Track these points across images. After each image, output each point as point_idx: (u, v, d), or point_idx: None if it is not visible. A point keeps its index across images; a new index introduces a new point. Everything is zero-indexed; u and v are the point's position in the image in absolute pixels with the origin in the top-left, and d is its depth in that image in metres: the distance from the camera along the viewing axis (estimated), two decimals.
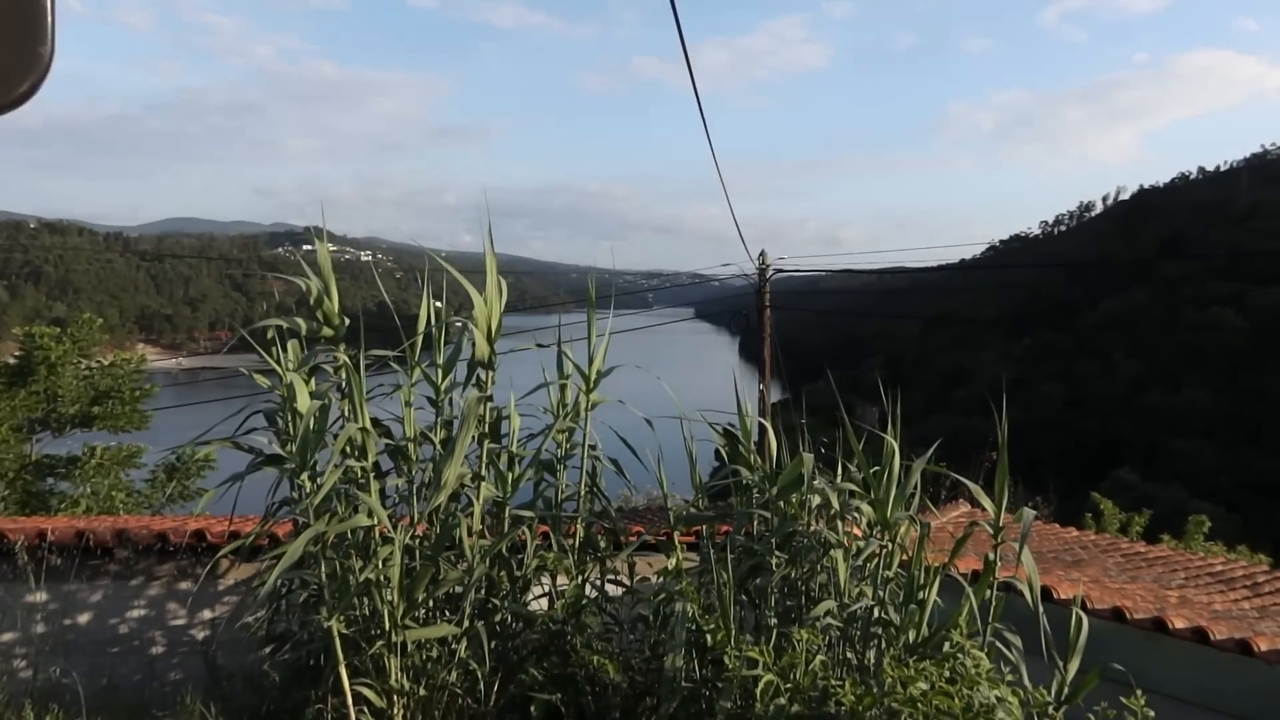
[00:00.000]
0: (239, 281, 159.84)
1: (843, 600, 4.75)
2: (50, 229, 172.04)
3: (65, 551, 6.08)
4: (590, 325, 5.12)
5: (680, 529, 5.23)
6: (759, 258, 18.19)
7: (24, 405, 15.46)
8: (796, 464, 4.91)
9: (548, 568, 4.75)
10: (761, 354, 19.32)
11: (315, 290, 4.56)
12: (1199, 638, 5.97)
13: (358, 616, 4.29)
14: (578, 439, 5.20)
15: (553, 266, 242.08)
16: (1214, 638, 5.91)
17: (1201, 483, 49.74)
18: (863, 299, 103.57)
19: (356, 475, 4.33)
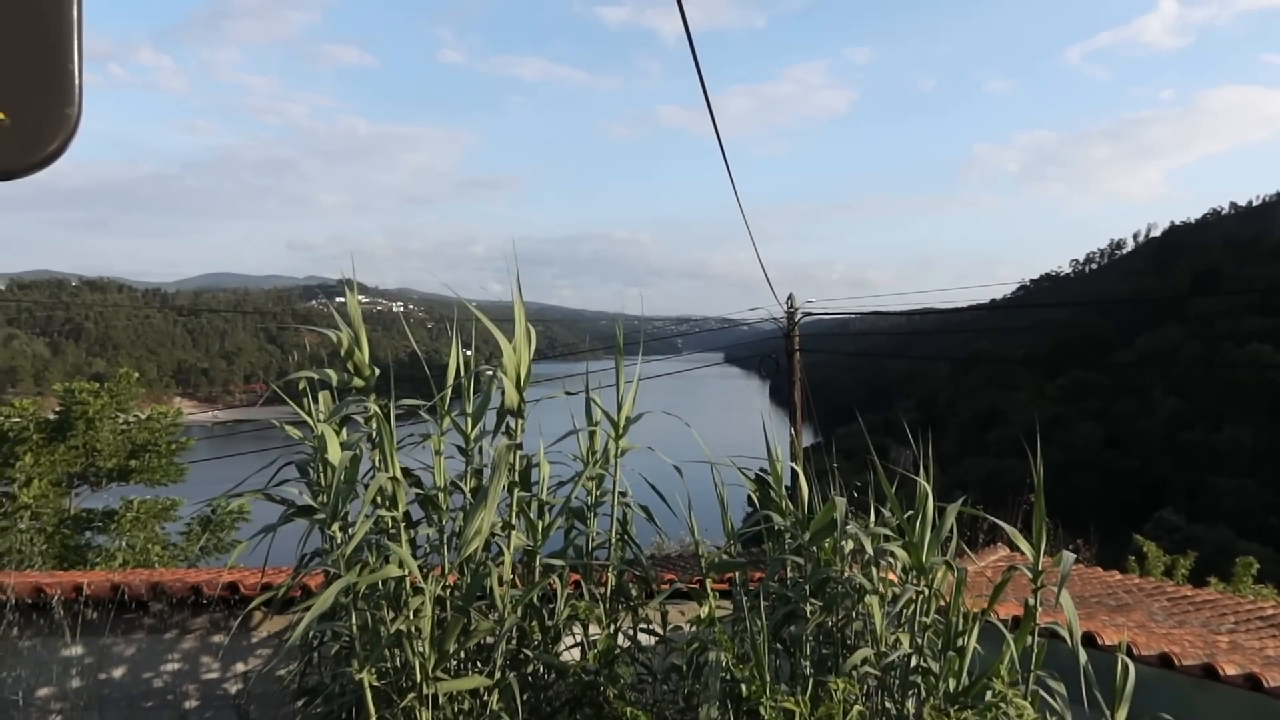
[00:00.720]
0: (273, 334, 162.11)
1: (879, 648, 4.66)
2: (91, 286, 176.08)
3: (101, 605, 6.11)
4: (618, 371, 5.13)
5: (713, 576, 5.17)
6: (787, 301, 18.19)
7: (63, 460, 15.68)
8: (829, 509, 4.85)
9: (579, 617, 4.70)
10: (792, 398, 19.23)
11: (346, 342, 4.60)
12: (1251, 685, 5.77)
13: (389, 668, 4.26)
14: (608, 486, 5.17)
15: (581, 314, 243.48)
16: (1267, 685, 5.71)
17: (1248, 522, 48.53)
18: (893, 340, 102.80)
19: (387, 525, 4.34)
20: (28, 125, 0.87)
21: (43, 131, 0.88)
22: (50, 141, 0.88)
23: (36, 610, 6.08)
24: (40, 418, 16.11)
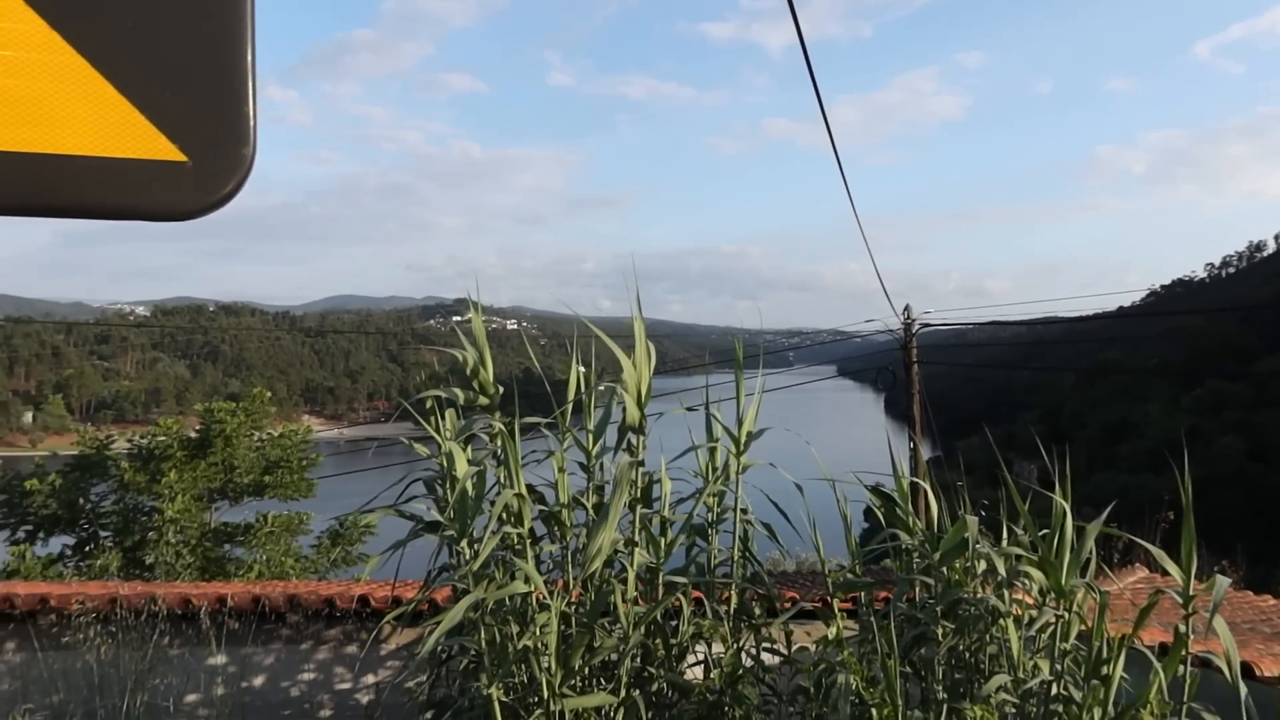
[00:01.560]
0: (394, 353, 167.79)
1: (1017, 674, 4.46)
2: (226, 311, 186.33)
3: (242, 616, 6.40)
4: (739, 386, 5.08)
5: (838, 596, 5.06)
6: (904, 312, 17.78)
7: (204, 476, 16.54)
8: (959, 527, 4.68)
9: (703, 635, 4.66)
10: (910, 410, 18.77)
11: (471, 360, 4.70)
12: None
13: (516, 684, 4.31)
14: (728, 502, 5.12)
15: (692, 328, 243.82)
16: None
17: None
18: (1013, 351, 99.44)
19: (513, 541, 4.40)
20: (207, 166, 0.91)
21: (221, 172, 0.91)
22: (228, 181, 0.92)
23: (185, 620, 6.40)
24: (183, 436, 17.03)
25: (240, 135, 0.92)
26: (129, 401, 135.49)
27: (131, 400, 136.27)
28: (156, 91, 0.90)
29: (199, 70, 0.91)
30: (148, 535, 15.34)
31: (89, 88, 0.88)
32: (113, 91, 0.89)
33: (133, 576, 14.10)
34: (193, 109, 0.91)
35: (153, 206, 0.91)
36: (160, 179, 0.90)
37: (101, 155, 0.89)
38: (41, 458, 17.98)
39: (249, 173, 0.93)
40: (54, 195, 0.90)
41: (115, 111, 0.89)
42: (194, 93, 0.91)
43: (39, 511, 16.09)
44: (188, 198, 0.91)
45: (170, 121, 0.90)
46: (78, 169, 0.89)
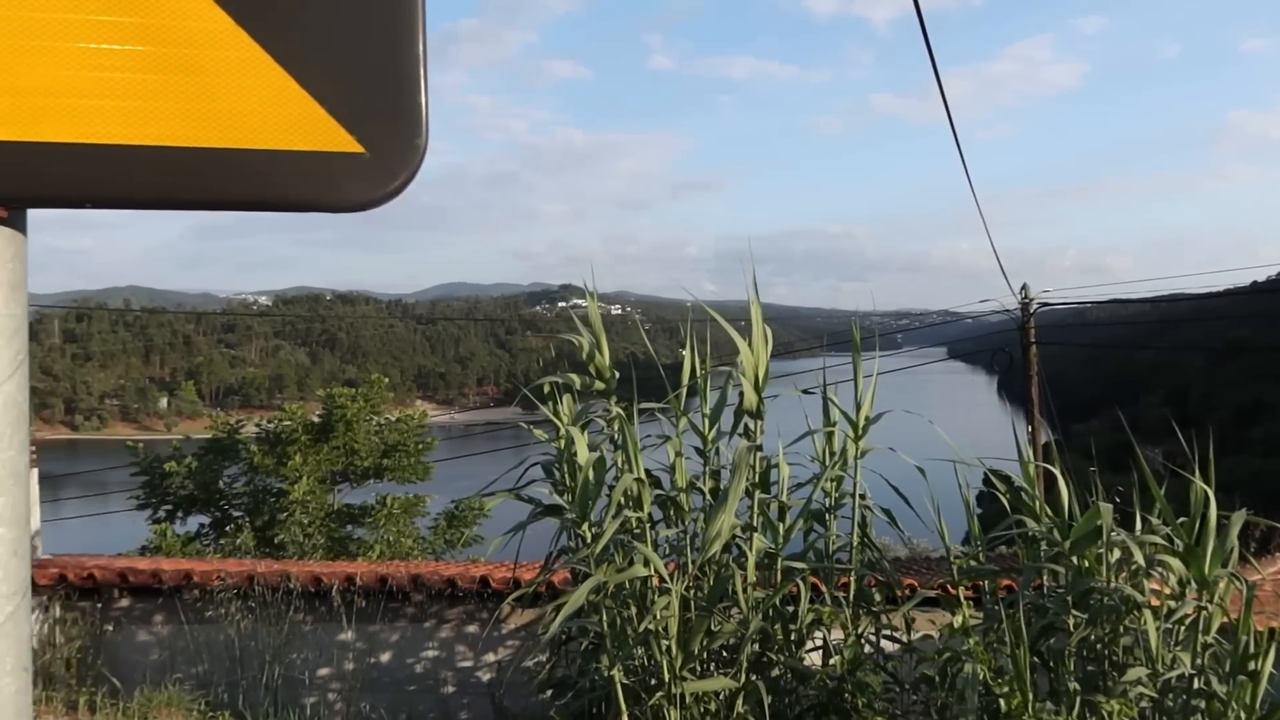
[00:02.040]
0: (502, 339, 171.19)
1: (1155, 667, 4.27)
2: (342, 300, 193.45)
3: (369, 594, 6.64)
4: (856, 369, 4.99)
5: (963, 583, 4.93)
6: (1021, 291, 17.16)
7: (327, 459, 17.22)
8: (1092, 514, 4.50)
9: (823, 621, 4.61)
10: (1027, 393, 18.14)
11: (587, 346, 4.74)
12: None
13: (636, 666, 4.35)
14: (846, 487, 5.05)
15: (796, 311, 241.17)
16: None
17: None
18: (1136, 330, 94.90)
19: (632, 525, 4.43)
20: (383, 157, 0.93)
21: (396, 163, 0.93)
22: (402, 172, 0.93)
23: (316, 597, 6.69)
24: (306, 421, 17.76)
25: (414, 125, 0.94)
26: (254, 387, 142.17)
27: (256, 386, 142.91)
28: (335, 84, 0.92)
29: (374, 62, 0.93)
30: (276, 515, 16.07)
31: (272, 82, 0.91)
32: (294, 85, 0.91)
33: (264, 555, 14.81)
34: (369, 101, 0.93)
35: (331, 198, 0.93)
36: (338, 171, 0.92)
37: (283, 149, 0.92)
38: (177, 441, 19.00)
39: (421, 162, 0.94)
40: (238, 189, 0.93)
41: (297, 105, 0.91)
42: (370, 85, 0.93)
43: (177, 492, 17.04)
44: (365, 189, 0.93)
45: (348, 114, 0.92)
46: (261, 163, 0.92)
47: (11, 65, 0.88)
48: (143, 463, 17.53)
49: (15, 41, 0.89)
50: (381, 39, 0.93)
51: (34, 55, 0.89)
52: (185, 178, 0.92)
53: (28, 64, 0.89)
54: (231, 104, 0.91)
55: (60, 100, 0.90)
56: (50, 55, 0.89)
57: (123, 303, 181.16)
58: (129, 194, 0.92)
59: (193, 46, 0.90)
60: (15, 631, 0.92)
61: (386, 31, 0.93)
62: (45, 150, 0.89)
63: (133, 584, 7.19)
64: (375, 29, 0.93)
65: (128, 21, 0.90)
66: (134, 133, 0.91)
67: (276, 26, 0.91)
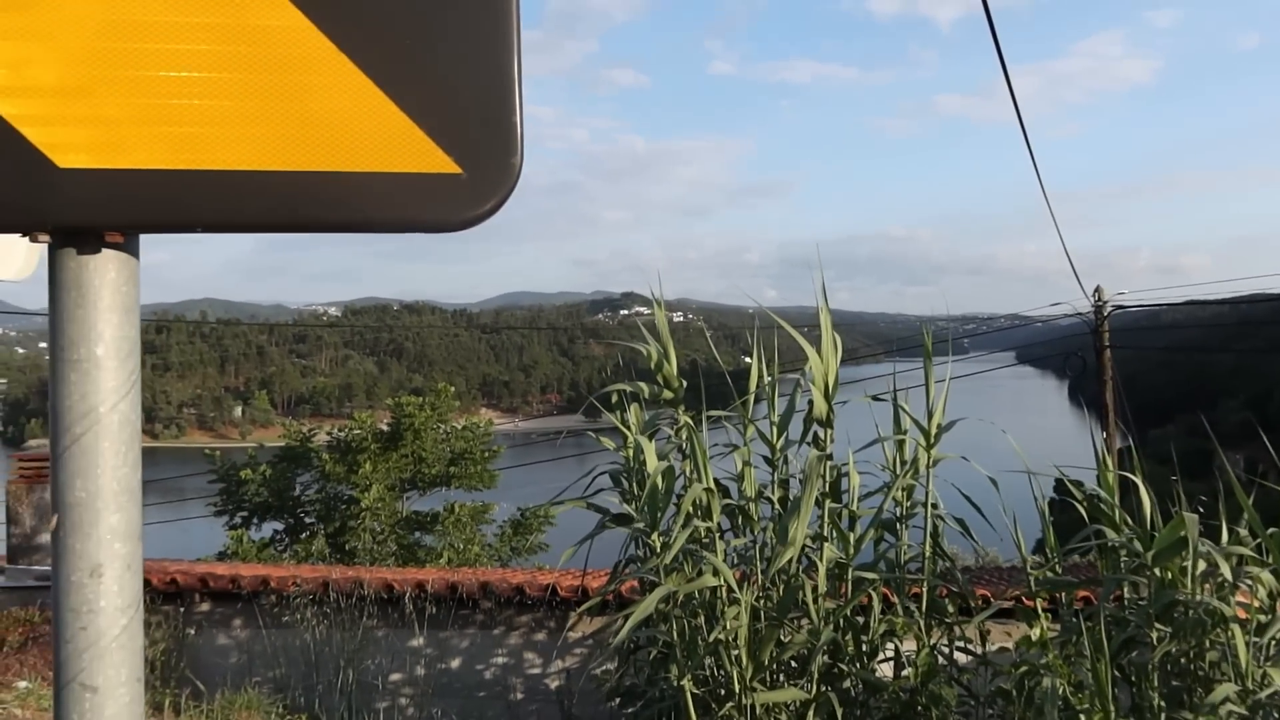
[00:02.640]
0: (564, 347, 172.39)
1: (1245, 684, 4.12)
2: (409, 309, 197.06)
3: (439, 601, 6.73)
4: (928, 376, 4.92)
5: (1041, 595, 4.82)
6: (1095, 293, 16.73)
7: (396, 466, 17.53)
8: (1176, 524, 4.36)
9: (895, 632, 4.55)
10: (1101, 398, 17.66)
11: (655, 355, 4.75)
12: None
13: (706, 676, 4.34)
14: (918, 496, 4.97)
15: (860, 316, 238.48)
16: None
17: None
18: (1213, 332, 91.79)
19: (701, 535, 4.42)
20: (479, 177, 0.95)
21: (492, 182, 0.95)
22: (498, 191, 0.95)
23: (388, 604, 6.80)
24: (376, 429, 18.09)
25: (509, 145, 0.96)
26: (324, 396, 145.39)
27: (326, 395, 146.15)
28: (433, 107, 0.94)
29: (471, 84, 0.95)
30: (348, 522, 16.39)
31: (372, 105, 0.94)
32: (393, 108, 0.94)
33: (336, 561, 15.11)
34: (466, 123, 0.95)
35: (430, 219, 0.96)
36: (437, 191, 0.95)
37: (382, 171, 0.94)
38: (252, 449, 19.51)
39: (517, 181, 0.96)
40: (340, 212, 0.96)
41: (397, 128, 0.94)
42: (466, 106, 0.95)
43: (252, 499, 17.49)
44: (461, 209, 0.95)
45: (446, 135, 0.94)
46: (361, 185, 0.95)
47: (123, 95, 0.93)
48: (220, 470, 18.03)
49: (124, 73, 0.93)
50: (478, 62, 0.95)
51: (143, 85, 0.93)
52: (288, 201, 0.95)
53: (140, 94, 0.93)
54: (332, 128, 0.94)
55: (170, 128, 0.94)
56: (159, 85, 0.93)
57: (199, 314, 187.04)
58: (235, 218, 0.95)
59: (294, 71, 0.93)
60: (130, 643, 0.96)
61: (483, 54, 0.95)
62: (157, 177, 0.93)
63: (213, 589, 7.40)
64: (472, 52, 0.95)
65: (231, 50, 0.94)
66: (239, 158, 0.94)
67: (376, 50, 0.93)
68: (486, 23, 0.95)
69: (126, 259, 0.98)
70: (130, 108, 0.93)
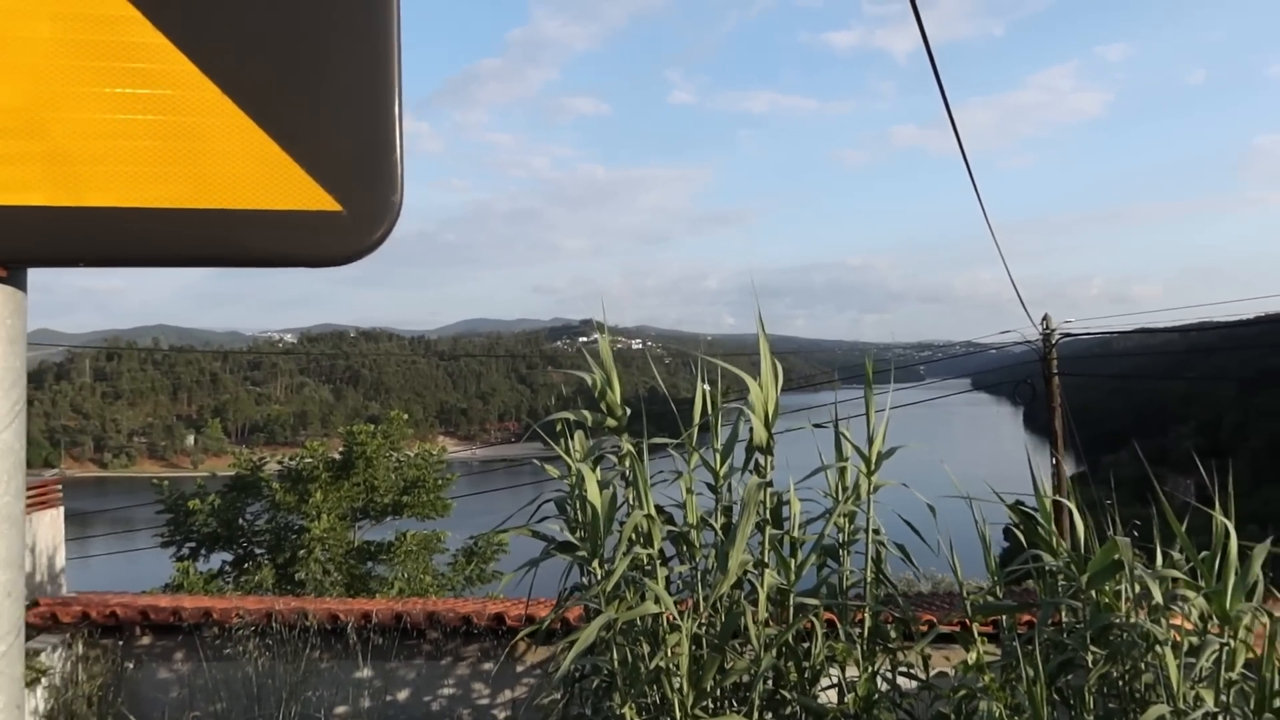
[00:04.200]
0: (523, 375, 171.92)
1: (1177, 705, 4.21)
2: (366, 336, 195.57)
3: (385, 632, 6.66)
4: (869, 403, 4.99)
5: (978, 619, 4.88)
6: (1042, 322, 17.08)
7: (347, 495, 17.30)
8: (1109, 548, 4.45)
9: (836, 658, 4.58)
10: (1051, 425, 17.98)
11: (599, 383, 4.78)
12: None
13: (649, 704, 4.33)
14: (859, 523, 5.03)
15: (818, 343, 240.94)
16: None
17: None
18: (1164, 360, 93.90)
19: (643, 562, 4.43)
20: (360, 214, 0.98)
21: (373, 219, 0.98)
22: (379, 228, 0.98)
23: (333, 635, 6.71)
24: (328, 458, 17.87)
25: (390, 183, 0.99)
26: (279, 424, 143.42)
27: (281, 423, 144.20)
28: (315, 148, 0.97)
29: (352, 123, 0.98)
30: (297, 552, 16.13)
31: (256, 146, 0.96)
32: (276, 149, 0.96)
33: (285, 592, 14.85)
34: (347, 161, 0.98)
35: (311, 254, 0.98)
36: (318, 228, 0.97)
37: (266, 209, 0.97)
38: (202, 478, 19.16)
39: (398, 218, 0.99)
40: (224, 248, 0.98)
41: (279, 167, 0.96)
42: (347, 145, 0.98)
43: (201, 529, 17.15)
44: (342, 244, 0.98)
45: (327, 175, 0.97)
46: (245, 222, 0.97)
47: (7, 135, 0.94)
48: (167, 500, 17.68)
49: (16, 111, 0.94)
50: (360, 104, 0.98)
51: (28, 125, 0.95)
52: (173, 237, 0.97)
53: (24, 134, 0.95)
54: (218, 168, 0.97)
55: (55, 167, 0.95)
56: (44, 125, 0.95)
57: (151, 341, 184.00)
58: (119, 253, 0.97)
59: (178, 113, 0.96)
60: (9, 670, 0.96)
61: (365, 96, 0.98)
62: (42, 213, 0.95)
63: (154, 621, 7.25)
64: (354, 95, 0.98)
65: (117, 93, 0.96)
66: (124, 195, 0.96)
67: (259, 92, 0.96)
68: (368, 67, 0.98)
69: (12, 291, 0.99)
70: (15, 147, 0.95)
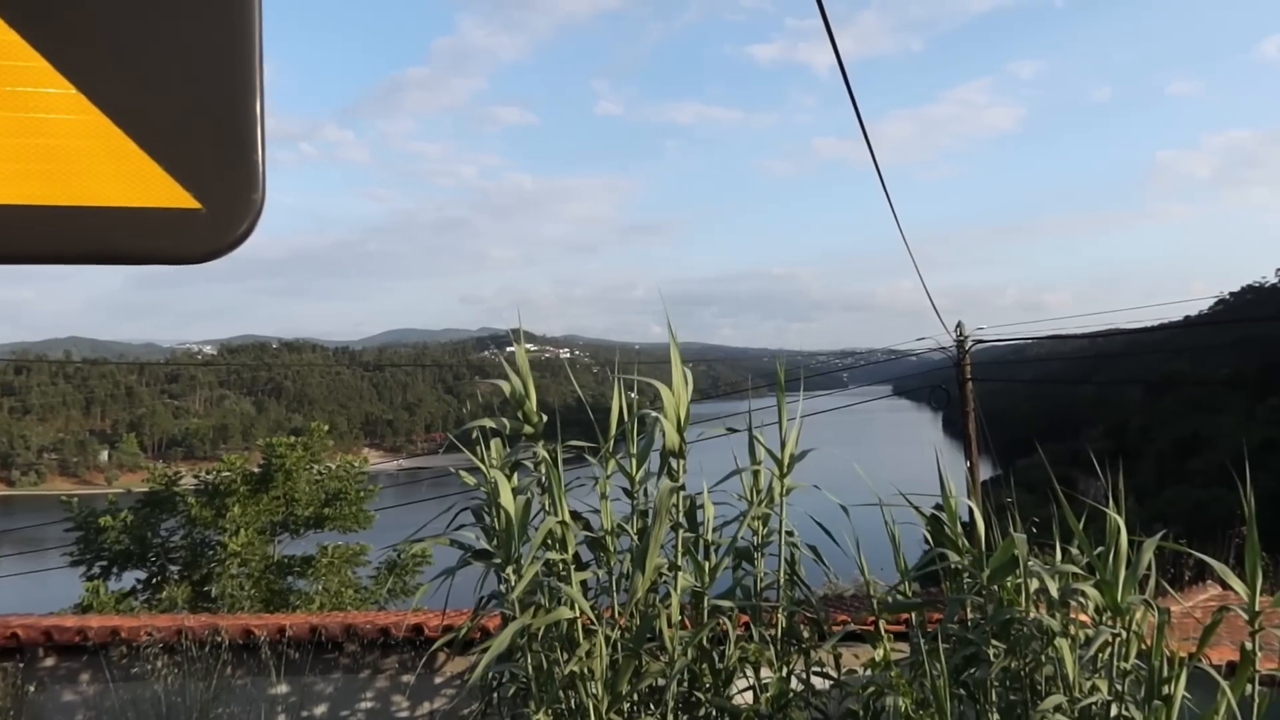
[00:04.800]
0: (450, 385, 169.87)
1: (1073, 694, 4.38)
2: (289, 347, 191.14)
3: (301, 646, 6.52)
4: (780, 408, 5.09)
5: (887, 617, 5.01)
6: (956, 329, 17.56)
7: (266, 509, 16.91)
8: (1008, 546, 4.62)
9: (750, 659, 4.65)
10: (966, 429, 18.46)
11: (515, 391, 4.78)
12: None
13: (564, 709, 4.34)
14: (774, 525, 5.12)
15: (744, 351, 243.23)
16: None
17: None
18: (1075, 365, 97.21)
19: (557, 568, 4.44)
20: (220, 212, 0.98)
21: (233, 217, 0.99)
22: (239, 226, 0.99)
23: (247, 650, 6.55)
24: (246, 471, 17.44)
25: (250, 182, 0.99)
26: (198, 438, 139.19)
27: (200, 437, 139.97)
28: (172, 144, 0.98)
29: (212, 122, 0.99)
30: (214, 569, 15.70)
31: (111, 143, 0.97)
32: (133, 146, 0.97)
33: (200, 609, 14.43)
34: (205, 159, 0.98)
35: (171, 251, 0.99)
36: (177, 225, 0.98)
37: (123, 205, 0.97)
38: (115, 495, 18.53)
39: (259, 216, 1.00)
40: (82, 244, 0.98)
41: (135, 164, 0.97)
42: (206, 144, 0.98)
43: (112, 547, 16.57)
44: (202, 242, 0.99)
45: (185, 171, 0.98)
46: (101, 219, 0.97)
47: None
48: (77, 518, 17.04)
49: None
50: (219, 100, 0.99)
51: None
52: (31, 235, 0.97)
53: None
54: (74, 165, 0.97)
55: None
56: None
57: (63, 354, 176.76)
58: None
59: (36, 111, 0.96)
60: None
61: (224, 93, 0.99)
62: None
63: (58, 642, 6.98)
64: (213, 91, 0.99)
65: None
66: None
67: (118, 92, 0.97)
68: (228, 65, 0.99)
69: None
70: None
